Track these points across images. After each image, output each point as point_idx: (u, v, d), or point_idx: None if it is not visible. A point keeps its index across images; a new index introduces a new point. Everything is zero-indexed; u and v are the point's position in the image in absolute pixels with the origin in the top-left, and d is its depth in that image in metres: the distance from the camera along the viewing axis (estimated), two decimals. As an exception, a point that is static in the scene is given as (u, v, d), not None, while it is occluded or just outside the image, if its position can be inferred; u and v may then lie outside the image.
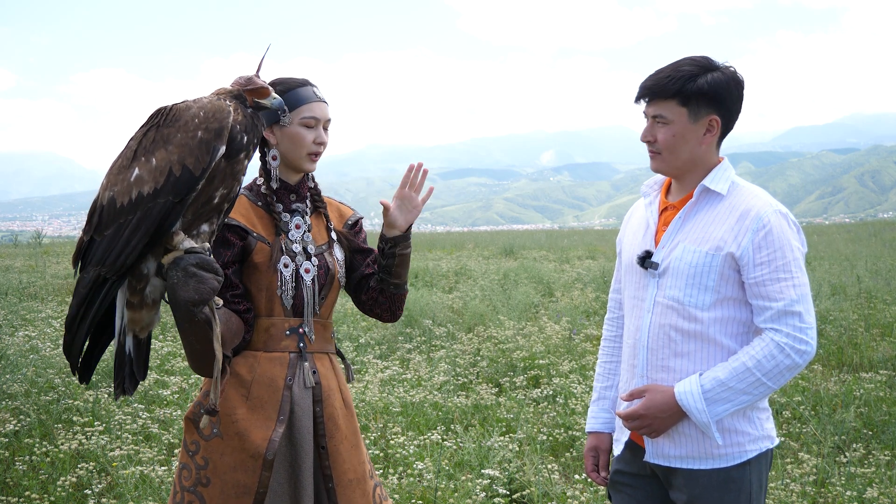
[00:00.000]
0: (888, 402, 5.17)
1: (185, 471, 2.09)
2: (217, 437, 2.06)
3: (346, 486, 2.11)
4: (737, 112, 2.00)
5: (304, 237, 2.15)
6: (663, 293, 1.98)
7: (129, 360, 1.85)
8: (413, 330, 7.63)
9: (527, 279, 11.42)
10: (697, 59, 1.97)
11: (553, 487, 3.81)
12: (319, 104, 2.12)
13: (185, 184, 1.72)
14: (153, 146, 1.76)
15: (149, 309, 1.84)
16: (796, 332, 1.85)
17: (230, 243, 2.07)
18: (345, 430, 2.15)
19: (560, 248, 20.08)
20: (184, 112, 1.77)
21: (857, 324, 7.65)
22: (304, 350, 2.12)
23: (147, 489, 3.71)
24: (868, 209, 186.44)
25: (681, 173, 2.03)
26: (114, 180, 1.78)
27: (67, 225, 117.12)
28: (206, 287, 1.74)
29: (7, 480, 3.95)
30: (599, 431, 2.25)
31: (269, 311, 2.11)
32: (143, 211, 1.73)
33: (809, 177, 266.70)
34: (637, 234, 2.12)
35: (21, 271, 12.77)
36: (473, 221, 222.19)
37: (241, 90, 1.84)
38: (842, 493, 3.73)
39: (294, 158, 2.13)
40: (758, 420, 1.98)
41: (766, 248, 1.88)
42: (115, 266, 1.74)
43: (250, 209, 2.14)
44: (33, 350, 6.31)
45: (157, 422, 4.73)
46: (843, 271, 12.11)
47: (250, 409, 2.06)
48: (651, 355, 2.00)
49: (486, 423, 4.87)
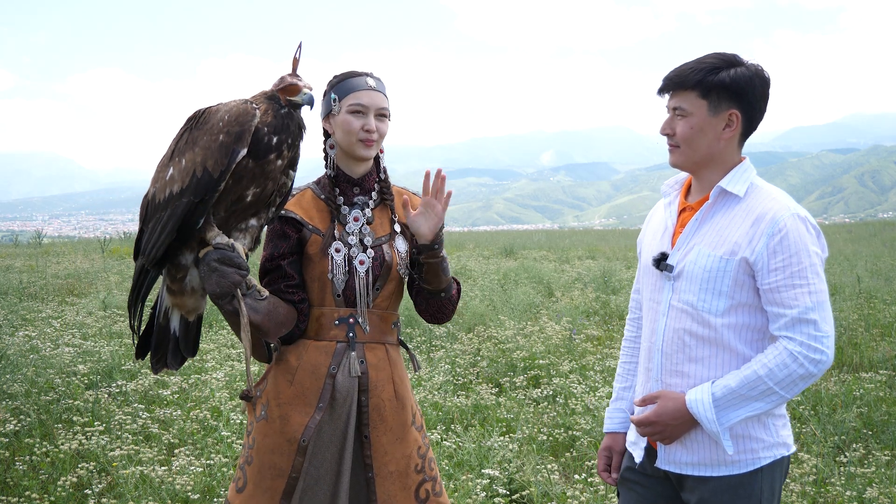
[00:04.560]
0: (888, 402, 5.17)
1: (244, 448, 2.19)
2: (264, 419, 2.14)
3: (386, 478, 2.13)
4: (760, 110, 1.94)
5: (363, 229, 2.18)
6: (678, 297, 1.94)
7: (175, 339, 1.99)
8: (413, 330, 7.63)
9: (527, 279, 11.42)
10: (724, 54, 1.94)
11: (553, 487, 3.81)
12: (368, 92, 2.15)
13: (205, 185, 1.80)
14: (185, 147, 1.85)
15: (190, 295, 1.96)
16: (811, 340, 1.79)
17: (287, 235, 2.15)
18: (391, 421, 2.16)
19: (560, 248, 20.07)
20: (213, 115, 1.85)
21: (857, 324, 7.65)
22: (354, 340, 2.15)
23: (147, 489, 3.71)
24: (868, 209, 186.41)
25: (698, 168, 1.98)
26: (157, 177, 1.90)
27: (67, 225, 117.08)
28: (226, 281, 1.86)
29: (7, 480, 3.95)
30: (616, 432, 2.22)
31: (320, 301, 2.15)
32: (172, 208, 1.83)
33: (809, 177, 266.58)
34: (656, 235, 2.08)
35: (21, 271, 12.76)
36: (473, 221, 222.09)
37: (274, 91, 1.90)
38: (842, 493, 3.73)
39: (347, 145, 2.16)
40: (773, 426, 1.92)
41: (782, 254, 1.82)
42: (150, 257, 1.87)
43: (312, 203, 2.19)
44: (33, 350, 6.30)
45: (157, 422, 4.73)
46: (843, 271, 12.11)
47: (294, 395, 2.12)
48: (666, 360, 1.97)
49: (486, 423, 4.87)
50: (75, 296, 10.26)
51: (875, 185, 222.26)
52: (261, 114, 1.84)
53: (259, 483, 2.10)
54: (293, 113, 1.88)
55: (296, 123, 1.89)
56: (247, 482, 2.13)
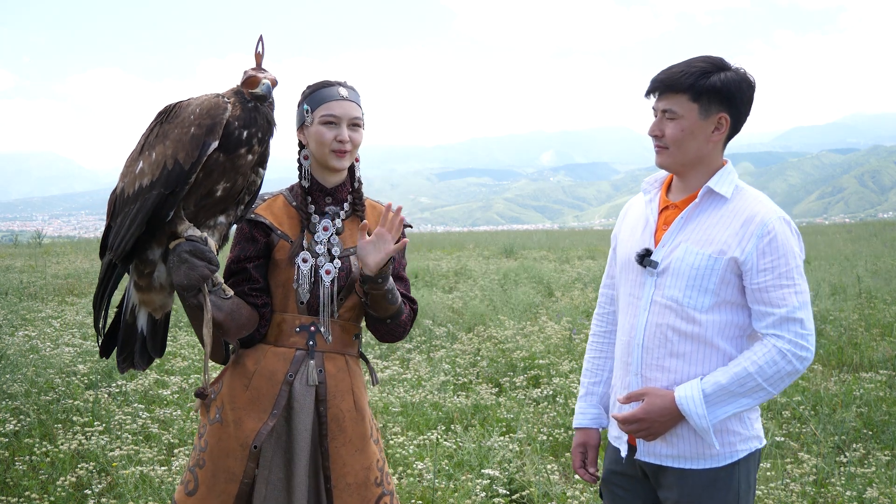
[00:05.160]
0: (888, 402, 5.17)
1: (194, 451, 2.17)
2: (218, 422, 2.12)
3: (344, 490, 2.12)
4: (745, 114, 1.99)
5: (331, 240, 2.18)
6: (661, 293, 1.98)
7: (142, 338, 1.96)
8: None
9: (527, 279, 11.42)
10: (712, 58, 1.97)
11: (553, 487, 3.81)
12: (341, 103, 2.15)
13: (176, 177, 1.79)
14: (156, 140, 1.85)
15: (158, 292, 1.94)
16: (798, 338, 1.87)
17: (255, 239, 2.15)
18: (350, 432, 2.15)
19: (560, 248, 20.07)
20: (184, 109, 1.84)
21: (858, 324, 7.65)
22: (314, 348, 2.14)
23: (147, 489, 3.71)
24: (868, 209, 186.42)
25: (685, 170, 2.02)
26: (125, 171, 1.89)
27: (67, 225, 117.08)
28: (195, 274, 1.84)
29: (7, 480, 3.95)
30: (588, 427, 2.24)
31: (283, 307, 2.15)
32: (141, 201, 1.82)
33: (809, 177, 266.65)
34: (635, 231, 2.10)
35: (21, 271, 12.77)
36: (473, 221, 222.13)
37: (239, 86, 1.89)
38: (842, 493, 3.73)
39: (321, 156, 2.17)
40: (749, 420, 1.99)
41: (770, 255, 1.89)
42: (118, 252, 1.85)
43: (284, 209, 2.19)
44: (33, 350, 6.30)
45: (157, 422, 4.73)
46: (843, 271, 12.11)
47: (249, 399, 2.10)
48: (646, 354, 2.00)
49: (486, 423, 4.87)
50: (75, 296, 10.26)
51: (875, 186, 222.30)
52: (231, 108, 1.84)
53: (212, 487, 2.08)
54: (259, 107, 1.87)
55: (263, 118, 1.88)
56: (198, 485, 2.10)
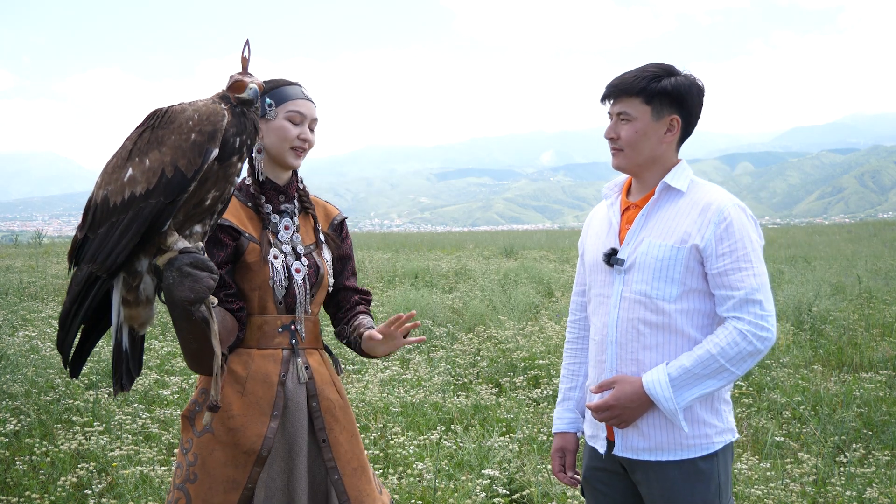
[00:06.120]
0: (888, 402, 5.17)
1: (178, 469, 2.12)
2: (208, 433, 2.08)
3: (352, 475, 2.14)
4: (696, 116, 2.09)
5: (293, 238, 2.18)
6: (630, 288, 2.04)
7: (126, 357, 1.85)
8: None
9: (527, 279, 11.43)
10: (663, 64, 2.08)
11: (553, 487, 3.81)
12: (306, 102, 2.15)
13: (176, 185, 1.73)
14: (147, 147, 1.76)
15: (144, 306, 1.85)
16: (757, 319, 1.92)
17: (223, 244, 2.10)
18: (343, 421, 2.19)
19: (560, 248, 20.08)
20: (179, 114, 1.77)
21: (857, 324, 7.66)
22: (297, 346, 2.15)
23: (147, 489, 3.71)
24: (868, 209, 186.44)
25: (641, 170, 2.10)
26: (108, 179, 1.79)
27: (67, 225, 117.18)
28: (201, 286, 1.75)
29: (7, 480, 3.95)
30: (565, 431, 2.30)
31: (261, 310, 2.13)
32: (135, 211, 1.74)
33: (809, 177, 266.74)
34: (600, 235, 2.18)
35: (21, 271, 12.78)
36: (473, 221, 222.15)
37: (224, 91, 1.83)
38: (842, 493, 3.73)
39: (278, 152, 2.14)
40: (723, 412, 2.04)
41: (728, 240, 1.95)
42: (106, 264, 1.75)
43: (240, 209, 2.16)
44: (33, 350, 6.31)
45: (157, 422, 4.73)
46: (843, 271, 12.12)
47: (245, 405, 2.09)
48: (620, 350, 2.06)
49: (486, 424, 4.87)
50: (75, 296, 10.25)
51: (875, 186, 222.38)
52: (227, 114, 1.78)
53: (208, 499, 2.05)
54: (246, 112, 1.83)
55: (252, 123, 1.84)
56: (191, 500, 2.06)
